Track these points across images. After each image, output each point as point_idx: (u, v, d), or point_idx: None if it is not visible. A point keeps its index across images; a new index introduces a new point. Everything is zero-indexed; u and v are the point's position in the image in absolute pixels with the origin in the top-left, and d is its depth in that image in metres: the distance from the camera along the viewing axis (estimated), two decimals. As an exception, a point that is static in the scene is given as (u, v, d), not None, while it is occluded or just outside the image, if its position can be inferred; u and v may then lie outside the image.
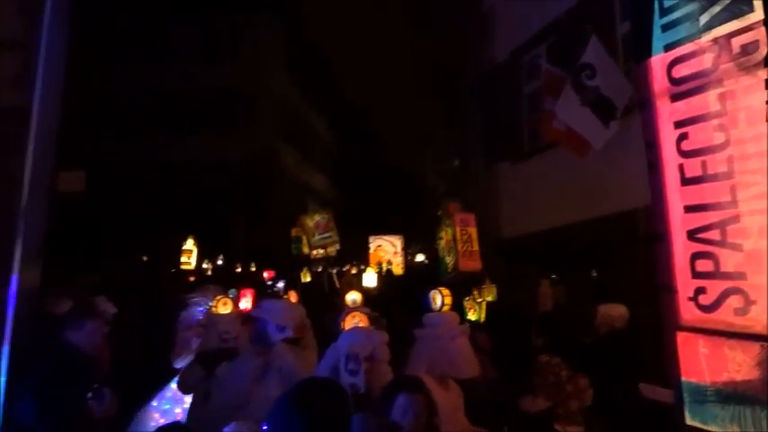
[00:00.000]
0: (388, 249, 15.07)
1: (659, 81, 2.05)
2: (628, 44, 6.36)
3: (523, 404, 3.86)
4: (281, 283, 9.51)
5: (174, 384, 3.91)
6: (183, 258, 9.23)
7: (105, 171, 12.61)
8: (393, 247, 15.17)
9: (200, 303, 4.31)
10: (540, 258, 7.85)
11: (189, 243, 9.29)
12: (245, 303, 5.55)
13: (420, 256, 17.21)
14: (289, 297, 6.54)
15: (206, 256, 11.06)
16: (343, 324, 3.13)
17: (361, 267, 12.17)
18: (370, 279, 9.04)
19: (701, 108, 1.90)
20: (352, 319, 3.16)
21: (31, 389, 2.80)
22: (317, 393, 1.84)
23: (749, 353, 1.72)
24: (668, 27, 2.02)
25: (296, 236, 11.38)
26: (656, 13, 2.06)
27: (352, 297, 5.38)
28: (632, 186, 4.89)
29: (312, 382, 2.00)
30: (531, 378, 3.73)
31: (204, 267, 10.91)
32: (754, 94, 1.74)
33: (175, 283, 7.56)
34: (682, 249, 1.95)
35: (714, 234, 1.85)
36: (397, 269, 14.33)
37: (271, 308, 3.35)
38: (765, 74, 1.71)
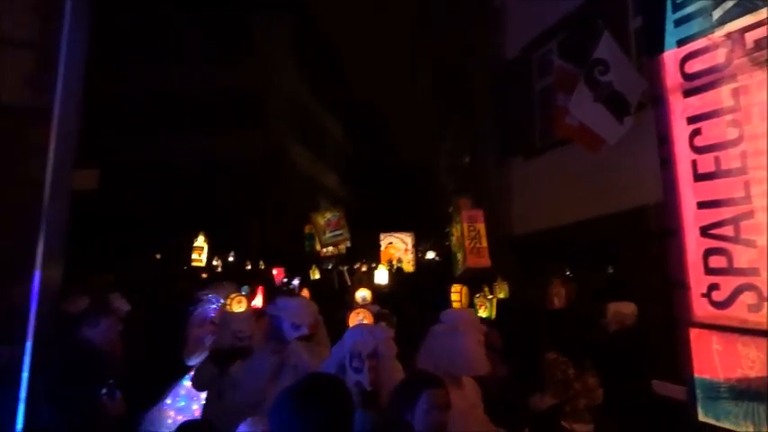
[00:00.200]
0: (398, 246, 15.04)
1: (672, 76, 2.04)
2: (640, 39, 6.31)
3: (531, 401, 3.87)
4: (296, 281, 9.53)
5: (188, 381, 3.90)
6: (194, 255, 9.31)
7: (118, 170, 12.73)
8: (404, 244, 15.13)
9: (212, 300, 4.28)
10: (552, 255, 7.83)
11: (200, 240, 9.36)
12: (256, 300, 5.57)
13: (431, 254, 17.15)
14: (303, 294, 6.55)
15: (216, 253, 11.12)
16: (348, 321, 3.14)
17: (371, 265, 12.17)
18: (381, 276, 9.02)
19: (714, 103, 1.89)
20: (356, 317, 3.16)
21: (48, 387, 2.84)
22: (318, 389, 1.85)
23: (763, 349, 1.72)
24: (681, 22, 2.01)
25: (309, 233, 11.45)
26: (668, 8, 2.05)
27: (362, 294, 5.38)
28: (645, 182, 4.87)
29: (314, 378, 2.01)
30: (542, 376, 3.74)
31: (214, 264, 10.97)
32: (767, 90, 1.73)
33: (190, 281, 7.60)
34: (695, 245, 1.94)
35: (727, 230, 1.84)
36: (408, 266, 14.30)
37: (286, 306, 3.33)
38: (779, 69, 1.70)
